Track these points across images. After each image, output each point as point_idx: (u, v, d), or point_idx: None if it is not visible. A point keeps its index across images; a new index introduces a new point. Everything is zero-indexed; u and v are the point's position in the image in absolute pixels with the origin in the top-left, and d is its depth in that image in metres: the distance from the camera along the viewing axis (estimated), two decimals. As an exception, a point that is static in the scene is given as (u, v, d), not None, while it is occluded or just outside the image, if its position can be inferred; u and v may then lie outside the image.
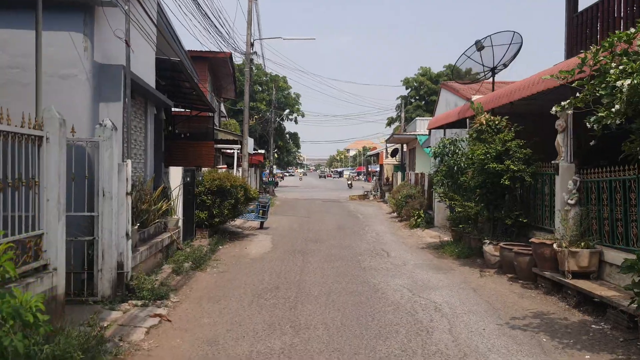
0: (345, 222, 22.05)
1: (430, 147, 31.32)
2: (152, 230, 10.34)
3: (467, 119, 16.50)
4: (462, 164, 12.93)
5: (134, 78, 9.37)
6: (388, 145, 43.55)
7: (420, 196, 21.63)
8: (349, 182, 68.01)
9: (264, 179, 50.58)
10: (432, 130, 28.52)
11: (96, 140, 7.73)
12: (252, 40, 22.97)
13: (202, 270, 10.76)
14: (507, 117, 11.88)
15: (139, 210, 9.56)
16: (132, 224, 9.12)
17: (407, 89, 72.93)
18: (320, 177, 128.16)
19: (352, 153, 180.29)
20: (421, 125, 36.84)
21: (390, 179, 42.19)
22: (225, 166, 24.26)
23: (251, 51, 22.87)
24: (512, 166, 10.45)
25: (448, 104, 24.70)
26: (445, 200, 13.45)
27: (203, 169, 16.79)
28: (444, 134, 19.51)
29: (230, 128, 34.35)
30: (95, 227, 7.66)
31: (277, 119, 61.22)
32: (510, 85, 12.30)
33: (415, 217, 19.38)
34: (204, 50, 23.18)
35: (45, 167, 5.98)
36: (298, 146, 78.57)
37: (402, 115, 46.92)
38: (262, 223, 18.86)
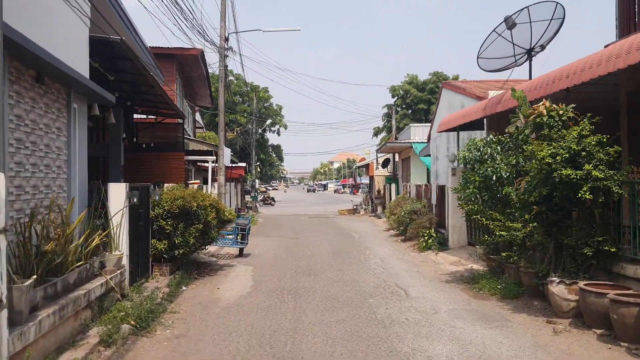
0: (340, 243, 18.76)
1: (429, 155, 28.28)
2: (71, 279, 6.95)
3: (488, 118, 13.37)
4: (503, 173, 9.74)
5: (31, 47, 6.05)
6: (379, 155, 40.44)
7: (427, 211, 18.43)
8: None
9: (251, 193, 47.08)
10: (432, 137, 25.53)
11: None
12: (226, 34, 19.74)
13: (150, 334, 7.37)
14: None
15: (41, 253, 6.19)
16: (24, 275, 5.77)
17: (393, 97, 70.33)
18: (308, 190, 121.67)
19: (336, 165, 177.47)
20: (416, 133, 33.84)
21: (382, 192, 39.06)
22: (198, 182, 20.88)
23: (226, 46, 19.62)
24: (595, 172, 7.24)
25: (451, 105, 21.65)
26: (482, 220, 10.20)
27: (165, 185, 13.40)
28: (457, 138, 16.40)
29: (209, 141, 31.03)
30: None
31: (259, 131, 57.95)
32: (566, 66, 9.18)
33: (425, 237, 16.15)
34: (170, 47, 19.88)
35: None
36: (281, 159, 75.39)
37: (394, 122, 43.89)
38: (241, 250, 15.48)
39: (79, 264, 7.20)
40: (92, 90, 8.50)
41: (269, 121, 57.81)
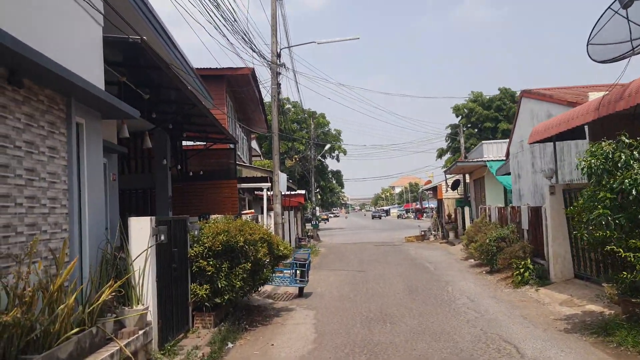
0: (415, 277, 16.28)
1: (508, 173, 25.39)
2: (63, 354, 4.95)
3: (590, 125, 10.71)
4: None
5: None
6: (447, 176, 37.63)
7: (517, 238, 15.72)
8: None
9: (312, 222, 45.00)
10: (512, 153, 22.77)
11: None
12: (278, 50, 17.99)
13: None
14: None
15: (2, 326, 4.22)
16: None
17: (457, 116, 67.18)
18: (373, 217, 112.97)
19: (397, 190, 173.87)
20: (489, 150, 30.97)
21: (453, 216, 36.14)
22: (253, 211, 19.01)
23: (278, 62, 17.85)
24: None
25: (535, 116, 18.97)
26: (620, 252, 7.57)
27: (211, 217, 11.44)
28: (554, 150, 13.76)
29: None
30: None
31: (318, 157, 56.27)
32: None
33: (521, 270, 13.47)
34: (218, 67, 18.29)
35: None
36: (341, 185, 73.22)
37: (462, 141, 41.15)
38: (301, 289, 13.30)
39: (75, 330, 5.22)
40: (103, 102, 6.66)
41: (327, 146, 55.99)
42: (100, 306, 5.88)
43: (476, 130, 65.16)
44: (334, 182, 70.58)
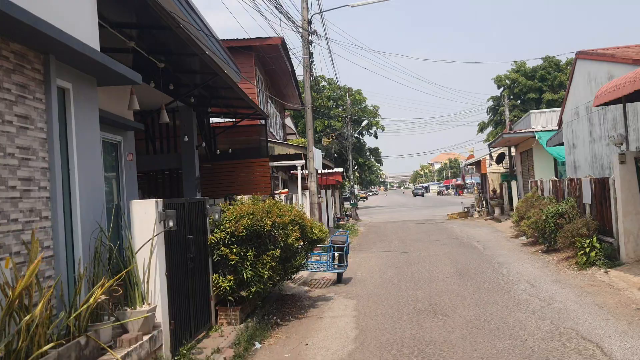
0: (463, 258, 14.91)
1: (561, 144, 23.51)
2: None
3: None
4: None
5: None
6: (492, 150, 35.72)
7: (578, 214, 14.13)
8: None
9: (351, 200, 43.61)
10: (566, 121, 20.92)
11: None
12: (309, 16, 16.62)
13: None
14: None
15: None
16: None
17: (499, 87, 64.45)
18: (415, 195, 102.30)
19: (436, 167, 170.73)
20: (537, 121, 29.02)
21: (498, 191, 34.32)
22: (287, 191, 17.87)
23: (309, 29, 16.50)
24: None
25: (593, 79, 17.15)
26: None
27: (238, 197, 10.29)
28: (624, 112, 12.09)
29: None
30: None
31: (355, 134, 54.77)
32: None
33: (586, 249, 11.94)
34: (246, 38, 17.04)
35: None
36: (380, 162, 71.60)
37: (506, 112, 39.07)
38: (339, 275, 12.12)
39: (51, 344, 4.15)
40: (94, 62, 5.51)
41: (365, 122, 54.41)
42: (93, 310, 4.80)
43: (519, 101, 62.44)
44: (372, 159, 69.04)
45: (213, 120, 17.35)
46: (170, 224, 6.04)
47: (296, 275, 10.36)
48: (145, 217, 5.93)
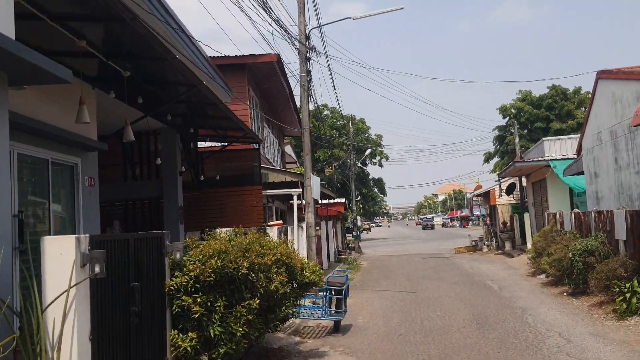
0: (479, 301, 13.15)
1: (580, 173, 21.82)
2: None
3: None
4: None
5: None
6: (501, 180, 34.05)
7: (610, 252, 12.40)
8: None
9: (353, 232, 41.70)
10: (586, 148, 19.28)
11: None
12: (307, 31, 15.23)
13: None
14: None
15: None
16: None
17: (504, 117, 63.12)
18: (424, 227, 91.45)
19: (441, 198, 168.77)
20: (551, 149, 27.40)
21: (509, 224, 32.56)
22: (281, 222, 16.22)
23: (307, 45, 15.07)
24: None
25: (619, 100, 15.60)
26: None
27: (218, 230, 8.60)
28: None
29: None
30: None
31: (358, 164, 53.25)
32: None
33: (626, 294, 10.18)
34: (238, 55, 15.62)
35: None
36: (384, 193, 69.91)
37: (517, 140, 37.57)
38: (337, 323, 10.35)
39: None
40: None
41: (368, 151, 52.93)
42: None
43: (526, 131, 60.98)
44: (376, 189, 67.47)
45: (202, 144, 15.86)
46: (97, 269, 4.39)
47: (283, 324, 8.59)
48: (61, 259, 4.28)
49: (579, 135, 22.73)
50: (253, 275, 6.33)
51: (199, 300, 6.01)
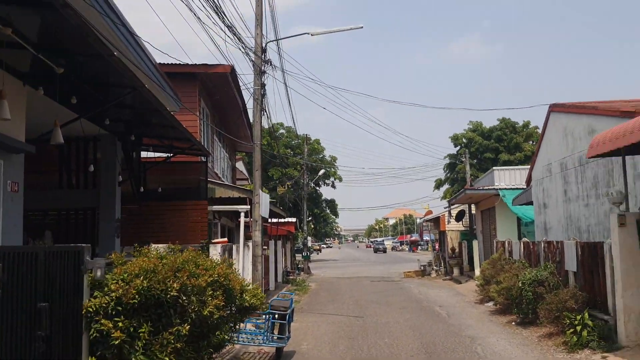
0: (427, 329, 12.77)
1: (529, 203, 21.96)
2: None
3: None
4: None
5: None
6: (451, 207, 34.21)
7: (560, 283, 12.27)
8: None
9: (303, 253, 41.06)
10: (536, 179, 19.41)
11: None
12: (263, 44, 14.75)
13: None
14: None
15: None
16: None
17: (455, 146, 64.23)
18: (376, 250, 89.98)
19: (391, 222, 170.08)
20: (501, 178, 27.72)
21: (457, 250, 32.65)
22: (226, 240, 15.51)
23: (263, 58, 14.58)
24: None
25: (570, 134, 15.76)
26: None
27: (155, 246, 7.89)
28: (623, 166, 10.40)
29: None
30: None
31: (311, 184, 52.86)
32: None
33: (577, 326, 9.96)
34: (189, 63, 15.02)
35: None
36: (336, 214, 69.65)
37: (467, 167, 38.08)
38: (279, 350, 9.71)
39: None
40: None
41: (322, 171, 52.63)
42: None
43: (475, 160, 62.10)
44: (328, 210, 67.13)
45: (147, 154, 15.07)
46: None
47: (219, 352, 7.91)
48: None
49: (528, 166, 23.01)
50: (184, 298, 5.70)
51: (120, 324, 5.32)
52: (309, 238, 51.93)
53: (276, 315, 9.54)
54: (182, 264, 6.12)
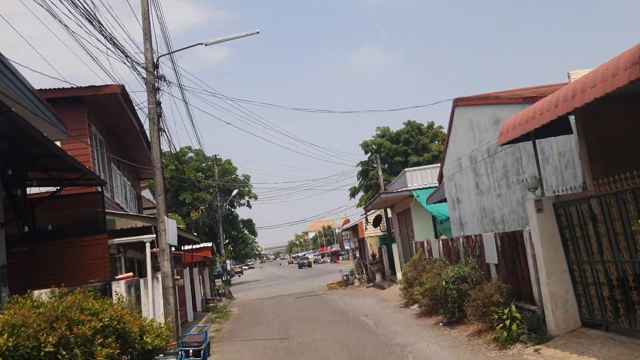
0: (355, 341, 12.17)
1: (442, 201, 22.13)
2: None
3: (580, 114, 7.25)
4: None
5: None
6: (368, 213, 34.20)
7: (482, 277, 12.10)
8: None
9: (223, 277, 39.51)
10: (447, 175, 19.52)
11: None
12: (154, 59, 13.72)
13: None
14: None
15: None
16: None
17: (366, 153, 65.04)
18: (301, 266, 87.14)
19: (311, 235, 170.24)
20: (413, 179, 27.91)
21: (378, 255, 32.62)
22: (132, 275, 14.20)
23: (156, 74, 13.53)
24: None
25: (476, 126, 15.84)
26: None
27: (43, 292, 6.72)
28: (534, 150, 10.32)
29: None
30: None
31: (225, 205, 51.37)
32: None
33: (505, 321, 9.70)
34: (74, 87, 13.69)
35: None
36: (254, 234, 68.25)
37: (380, 172, 38.28)
38: (194, 390, 8.73)
39: None
40: None
41: (235, 191, 51.40)
42: None
43: (386, 165, 63.15)
44: (246, 231, 65.64)
45: (36, 190, 13.53)
46: None
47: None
48: None
49: (439, 165, 23.22)
50: (64, 353, 4.69)
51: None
52: (228, 261, 50.37)
53: (190, 352, 8.56)
54: (63, 312, 5.10)
